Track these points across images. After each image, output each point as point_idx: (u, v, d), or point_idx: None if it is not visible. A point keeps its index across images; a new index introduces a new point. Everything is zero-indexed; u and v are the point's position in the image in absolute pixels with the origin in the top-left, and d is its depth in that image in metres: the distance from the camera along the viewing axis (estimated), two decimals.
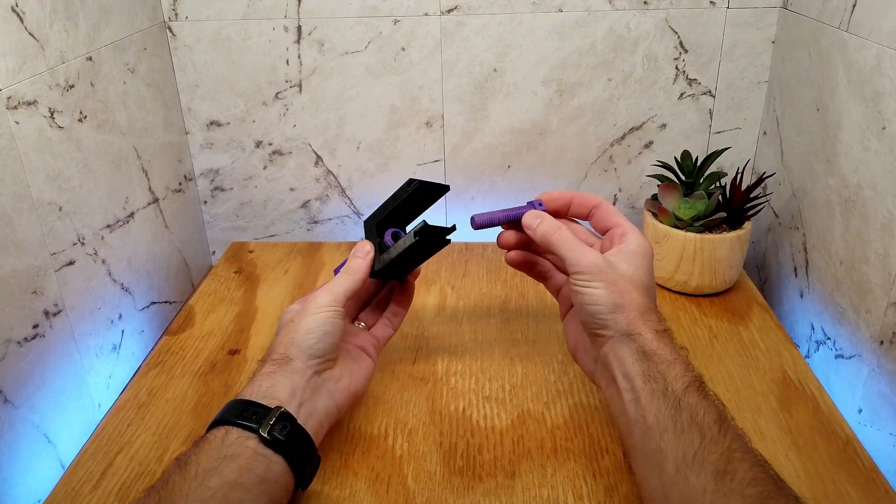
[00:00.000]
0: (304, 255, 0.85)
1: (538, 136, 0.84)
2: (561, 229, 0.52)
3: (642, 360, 0.46)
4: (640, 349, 0.46)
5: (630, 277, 0.49)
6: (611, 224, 0.53)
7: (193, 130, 0.84)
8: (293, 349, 0.49)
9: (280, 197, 0.88)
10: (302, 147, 0.85)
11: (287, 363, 0.48)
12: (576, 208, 0.56)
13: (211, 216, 0.90)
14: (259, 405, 0.45)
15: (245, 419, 0.44)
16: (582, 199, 0.56)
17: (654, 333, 0.46)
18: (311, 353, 0.49)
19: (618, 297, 0.48)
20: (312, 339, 0.49)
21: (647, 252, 0.51)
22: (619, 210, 0.54)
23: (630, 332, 0.47)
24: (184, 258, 0.83)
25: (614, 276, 0.48)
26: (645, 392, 0.44)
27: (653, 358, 0.45)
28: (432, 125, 0.84)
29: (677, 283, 0.73)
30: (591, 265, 0.49)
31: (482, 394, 0.60)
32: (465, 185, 0.87)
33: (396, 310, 0.60)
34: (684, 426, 0.42)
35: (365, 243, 0.56)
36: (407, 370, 0.64)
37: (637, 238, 0.51)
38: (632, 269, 0.49)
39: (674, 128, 0.83)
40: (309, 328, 0.50)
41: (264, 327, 0.71)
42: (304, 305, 0.52)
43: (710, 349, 0.66)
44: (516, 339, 0.68)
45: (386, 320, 0.59)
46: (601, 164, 0.85)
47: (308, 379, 0.49)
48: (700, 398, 0.43)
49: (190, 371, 0.64)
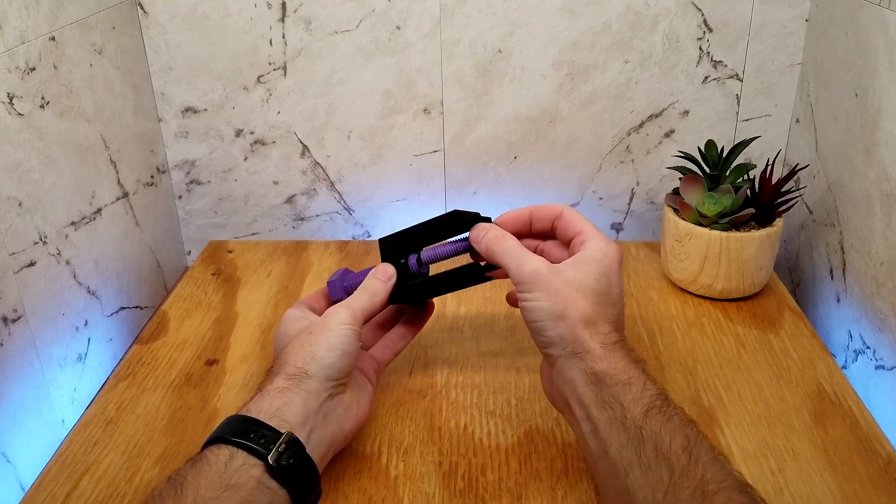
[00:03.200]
0: (288, 256, 0.85)
1: (547, 124, 0.84)
2: (505, 238, 0.51)
3: (593, 383, 0.45)
4: (589, 371, 0.46)
5: (577, 284, 0.48)
6: (574, 232, 0.53)
7: (167, 118, 0.84)
8: (313, 365, 0.49)
9: (262, 191, 0.88)
10: (287, 136, 0.85)
11: (303, 381, 0.48)
12: (537, 224, 0.55)
13: (186, 212, 0.90)
14: (267, 427, 0.45)
15: (253, 441, 0.44)
16: (541, 213, 0.55)
17: (602, 348, 0.46)
18: (329, 374, 0.49)
19: (559, 306, 0.47)
20: (334, 356, 0.49)
21: (607, 257, 0.49)
22: (584, 216, 0.53)
23: (576, 349, 0.46)
24: (156, 259, 0.84)
25: (557, 284, 0.48)
26: (602, 421, 0.44)
27: (604, 380, 0.45)
28: (430, 112, 0.84)
29: (701, 287, 0.73)
30: (530, 272, 0.48)
31: (486, 409, 0.60)
32: (467, 178, 0.87)
33: (403, 333, 0.60)
34: (650, 460, 0.41)
35: (388, 267, 0.56)
36: (402, 383, 0.64)
37: (596, 243, 0.50)
38: (580, 275, 0.48)
39: (697, 115, 0.83)
40: (332, 344, 0.50)
41: (245, 335, 0.71)
42: (324, 319, 0.51)
43: (737, 359, 0.66)
44: (523, 348, 0.68)
45: (388, 342, 0.59)
46: (617, 155, 0.85)
47: (322, 402, 0.48)
48: (663, 421, 0.42)
49: (163, 384, 0.64)
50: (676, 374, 0.64)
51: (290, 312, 0.55)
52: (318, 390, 0.48)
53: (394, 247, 0.58)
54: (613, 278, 0.49)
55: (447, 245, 0.58)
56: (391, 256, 0.58)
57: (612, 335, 0.47)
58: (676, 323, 0.71)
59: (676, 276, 0.75)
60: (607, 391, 0.45)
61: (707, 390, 0.62)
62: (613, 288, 0.49)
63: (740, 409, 0.60)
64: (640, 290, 0.76)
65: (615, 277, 0.49)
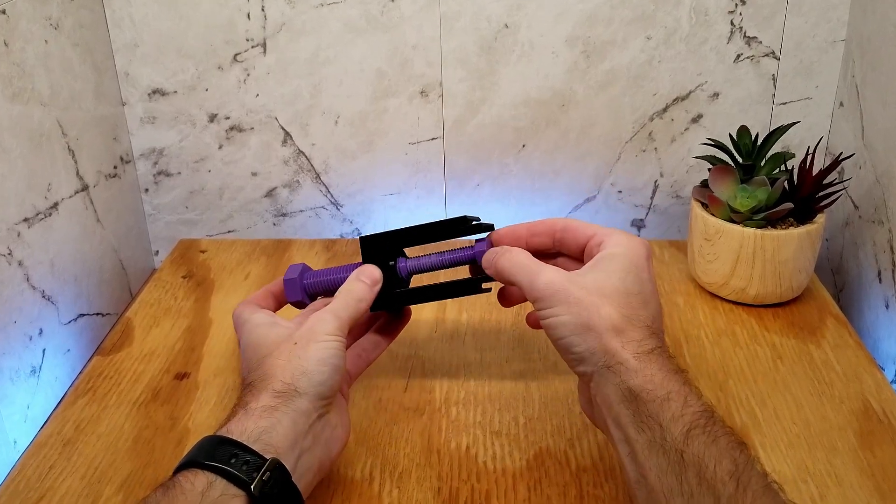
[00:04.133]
0: (269, 256, 0.85)
1: (559, 109, 0.84)
2: (511, 252, 0.51)
3: (629, 400, 0.45)
4: (623, 386, 0.45)
5: (599, 287, 0.47)
6: (585, 238, 0.52)
7: (132, 101, 0.84)
8: (304, 381, 0.48)
9: (239, 183, 0.88)
10: (266, 122, 0.85)
11: (293, 399, 0.48)
12: (535, 240, 0.55)
13: (153, 207, 0.90)
14: (251, 451, 0.44)
15: (235, 468, 0.43)
16: (539, 228, 0.55)
17: (636, 358, 0.45)
18: (320, 391, 0.49)
19: (582, 316, 0.47)
20: (326, 372, 0.49)
21: (630, 251, 0.49)
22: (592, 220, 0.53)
23: (608, 362, 0.46)
24: (120, 260, 0.83)
25: (576, 293, 0.47)
26: (640, 444, 0.44)
27: (640, 396, 0.44)
28: (428, 94, 0.84)
29: (733, 291, 0.73)
30: (545, 285, 0.48)
31: (490, 428, 0.60)
32: (470, 169, 0.87)
33: (377, 341, 0.60)
34: (692, 488, 0.41)
35: (374, 270, 0.56)
36: (397, 399, 0.64)
37: (616, 239, 0.50)
38: (601, 277, 0.48)
39: (728, 98, 0.83)
40: (322, 358, 0.49)
41: (219, 345, 0.71)
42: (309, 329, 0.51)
43: (774, 372, 0.66)
44: (532, 359, 0.68)
45: (361, 352, 0.59)
46: (638, 143, 0.85)
47: (311, 424, 0.48)
48: (708, 443, 0.42)
49: (127, 400, 0.64)
50: (705, 388, 0.64)
51: (254, 317, 0.54)
52: (307, 410, 0.48)
53: (378, 247, 0.58)
54: (643, 274, 0.49)
55: (444, 255, 0.58)
56: (374, 258, 0.58)
57: (648, 341, 0.46)
58: (705, 331, 0.71)
59: (705, 279, 0.75)
60: (644, 409, 0.44)
61: (739, 407, 0.62)
62: (644, 285, 0.49)
63: (777, 428, 0.60)
64: (664, 295, 0.76)
65: (645, 273, 0.49)
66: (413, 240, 0.57)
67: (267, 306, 0.58)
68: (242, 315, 0.55)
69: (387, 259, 0.58)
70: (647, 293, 0.49)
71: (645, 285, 0.49)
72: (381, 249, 0.58)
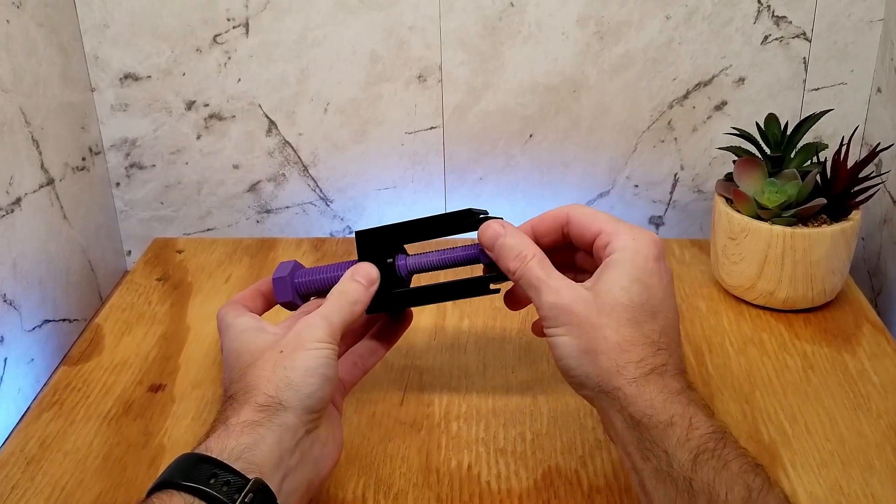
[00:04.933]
0: (252, 257, 0.85)
1: (570, 95, 0.84)
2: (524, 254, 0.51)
3: (632, 428, 0.46)
4: (625, 413, 0.46)
5: (603, 305, 0.47)
6: (591, 233, 0.52)
7: (102, 87, 0.84)
8: (289, 393, 0.48)
9: (220, 177, 0.88)
10: (249, 109, 0.85)
11: (278, 413, 0.48)
12: (544, 239, 0.55)
13: (126, 203, 0.90)
14: (231, 470, 0.44)
15: (214, 489, 0.43)
16: (544, 224, 0.54)
17: (633, 383, 0.46)
18: (308, 405, 0.49)
19: (583, 339, 0.47)
20: (314, 383, 0.49)
21: (637, 255, 0.49)
22: (597, 210, 0.52)
23: (605, 388, 0.47)
24: (88, 260, 0.83)
25: (581, 313, 0.48)
26: (647, 472, 0.45)
27: (642, 422, 0.45)
28: (427, 80, 0.84)
29: (760, 295, 0.73)
30: (550, 305, 0.48)
31: (494, 445, 0.60)
32: (472, 160, 0.87)
33: (374, 347, 0.60)
34: None
35: (371, 268, 0.56)
36: (392, 413, 0.64)
37: (621, 241, 0.50)
38: (605, 291, 0.48)
39: (755, 83, 0.83)
40: (310, 368, 0.49)
41: (197, 354, 0.71)
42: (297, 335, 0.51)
43: (805, 384, 0.66)
44: (541, 370, 0.68)
45: (356, 359, 0.59)
46: (656, 133, 0.85)
47: (298, 441, 0.48)
48: (718, 469, 0.42)
49: (97, 414, 0.64)
50: (730, 402, 0.64)
51: (239, 321, 0.54)
52: (294, 426, 0.48)
53: (375, 243, 0.57)
54: (651, 280, 0.49)
55: (448, 252, 0.58)
56: (370, 254, 0.57)
57: (649, 361, 0.47)
58: (729, 339, 0.71)
59: (730, 282, 0.75)
60: (647, 435, 0.45)
61: (767, 422, 0.62)
62: (653, 293, 0.48)
63: (808, 445, 0.60)
64: (684, 299, 0.76)
65: (653, 278, 0.49)
66: (414, 235, 0.57)
67: (255, 307, 0.58)
68: (227, 318, 0.55)
69: (385, 256, 0.57)
70: (656, 302, 0.48)
71: (653, 293, 0.48)
72: (378, 246, 0.57)
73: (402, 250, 0.58)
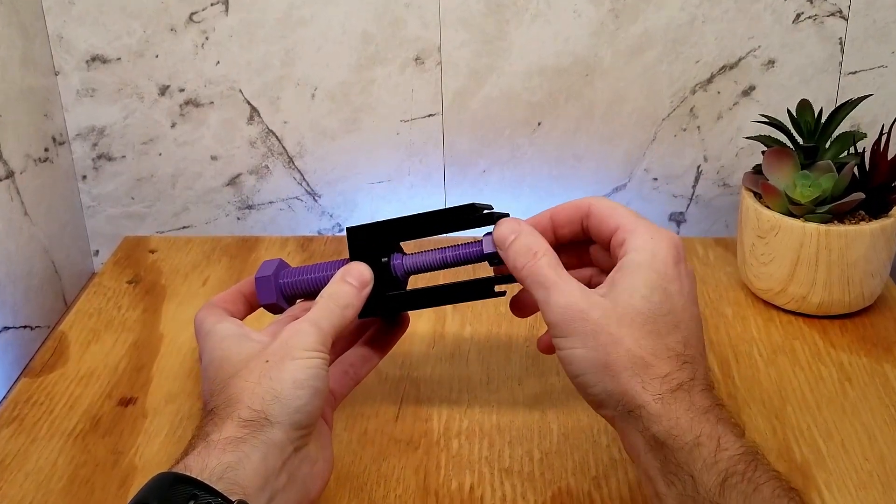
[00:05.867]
0: (232, 257, 0.85)
1: (583, 79, 0.84)
2: (534, 252, 0.51)
3: (655, 449, 0.46)
4: (648, 434, 0.46)
5: (620, 314, 0.47)
6: (609, 229, 0.52)
7: (66, 70, 0.84)
8: (276, 407, 0.48)
9: (197, 169, 0.88)
10: (229, 95, 0.85)
11: (264, 429, 0.48)
12: (562, 230, 0.55)
13: (93, 198, 0.90)
14: (213, 491, 0.44)
15: None
16: (563, 215, 0.54)
17: (658, 401, 0.46)
18: (297, 420, 0.49)
19: (601, 352, 0.47)
20: (304, 396, 0.49)
21: (655, 258, 0.49)
22: (619, 204, 0.53)
23: (628, 406, 0.47)
24: (52, 261, 0.83)
25: (594, 321, 0.47)
26: (670, 499, 0.45)
27: (667, 443, 0.45)
28: (425, 62, 0.84)
29: (792, 299, 0.73)
30: (560, 311, 0.48)
31: (499, 465, 0.60)
32: (474, 151, 0.87)
33: (367, 355, 0.60)
34: None
35: (363, 269, 0.56)
36: (386, 429, 0.64)
37: (639, 241, 0.50)
38: (622, 298, 0.48)
39: (786, 66, 0.83)
40: (299, 379, 0.49)
41: (172, 364, 0.71)
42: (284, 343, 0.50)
43: (841, 397, 0.66)
44: (550, 382, 0.68)
45: (348, 368, 0.59)
46: (677, 121, 0.85)
47: (286, 459, 0.48)
48: (748, 493, 0.42)
49: (62, 430, 0.64)
50: (758, 417, 0.64)
51: (220, 328, 0.53)
52: (282, 442, 0.48)
53: (368, 240, 0.57)
54: (671, 286, 0.49)
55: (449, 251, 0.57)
56: (364, 253, 0.57)
57: (675, 376, 0.47)
58: (758, 348, 0.71)
59: (758, 285, 0.75)
60: (672, 458, 0.45)
61: (800, 439, 0.62)
62: (674, 300, 0.49)
63: (845, 464, 0.60)
64: (709, 304, 0.76)
65: (673, 284, 0.49)
66: (411, 231, 0.57)
67: (236, 311, 0.58)
68: (206, 323, 0.54)
69: (379, 255, 0.57)
70: (678, 310, 0.49)
71: (675, 300, 0.49)
72: (372, 243, 0.57)
73: (399, 249, 0.58)
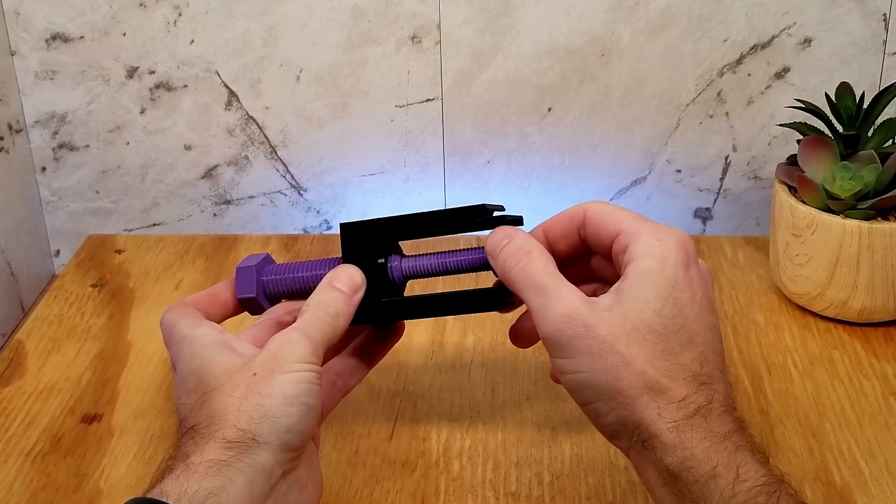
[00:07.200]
0: (208, 258, 0.85)
1: (598, 60, 0.84)
2: (529, 256, 0.50)
3: (669, 483, 0.46)
4: (660, 465, 0.46)
5: (627, 330, 0.47)
6: (609, 235, 0.52)
7: (24, 50, 0.84)
8: (264, 426, 0.48)
9: (169, 160, 0.88)
10: (205, 77, 0.85)
11: (251, 451, 0.47)
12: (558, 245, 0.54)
13: (53, 192, 0.90)
14: None
15: None
16: (557, 228, 0.54)
17: (673, 429, 0.46)
18: (287, 441, 0.48)
19: (608, 375, 0.47)
20: (295, 414, 0.48)
21: (664, 264, 0.48)
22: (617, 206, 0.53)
23: (642, 436, 0.47)
24: (7, 262, 0.83)
25: (599, 339, 0.47)
26: None
27: (681, 476, 0.45)
28: (422, 41, 0.84)
29: (831, 304, 0.73)
30: (558, 322, 0.48)
31: (505, 489, 0.60)
32: (477, 140, 0.87)
33: (356, 365, 0.60)
34: None
35: (354, 272, 0.56)
36: (380, 449, 0.64)
37: (644, 246, 0.49)
38: (632, 311, 0.47)
39: (824, 45, 0.83)
40: (290, 395, 0.49)
41: (141, 377, 0.71)
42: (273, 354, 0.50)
43: (886, 413, 0.66)
44: (561, 397, 0.68)
45: (335, 378, 0.59)
46: (703, 107, 0.85)
47: (274, 485, 0.48)
48: None
49: (18, 450, 0.64)
50: (793, 436, 0.64)
51: (197, 333, 0.53)
52: (269, 467, 0.48)
53: (364, 238, 0.57)
54: (682, 294, 0.48)
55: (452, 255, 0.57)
56: (358, 252, 0.57)
57: (692, 399, 0.46)
58: (793, 359, 0.71)
59: (793, 289, 0.75)
60: (687, 492, 0.45)
61: (839, 460, 0.62)
62: (686, 311, 0.48)
63: (890, 488, 0.60)
64: (738, 310, 0.76)
65: (684, 292, 0.48)
66: (412, 231, 0.57)
67: (213, 314, 0.58)
68: (180, 327, 0.54)
69: (375, 256, 0.57)
70: (691, 322, 0.48)
71: (686, 311, 0.48)
72: (368, 242, 0.57)
73: (397, 250, 0.58)
